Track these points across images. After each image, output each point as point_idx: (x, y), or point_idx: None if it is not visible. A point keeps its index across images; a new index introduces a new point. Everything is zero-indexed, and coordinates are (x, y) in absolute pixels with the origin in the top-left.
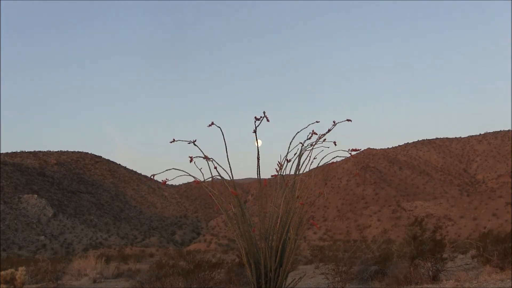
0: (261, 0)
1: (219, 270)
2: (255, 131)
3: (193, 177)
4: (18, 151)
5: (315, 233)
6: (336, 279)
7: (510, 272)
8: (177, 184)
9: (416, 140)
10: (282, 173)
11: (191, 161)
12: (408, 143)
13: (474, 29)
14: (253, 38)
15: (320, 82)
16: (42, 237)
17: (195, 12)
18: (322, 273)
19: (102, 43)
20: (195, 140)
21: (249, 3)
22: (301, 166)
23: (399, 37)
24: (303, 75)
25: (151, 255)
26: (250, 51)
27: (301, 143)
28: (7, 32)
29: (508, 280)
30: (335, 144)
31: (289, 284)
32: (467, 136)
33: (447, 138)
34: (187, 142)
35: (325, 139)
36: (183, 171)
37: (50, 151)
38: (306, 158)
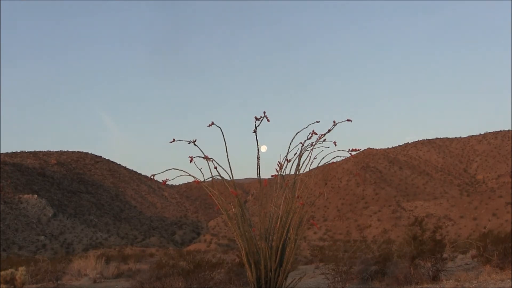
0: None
1: (219, 270)
2: (255, 131)
3: (193, 177)
4: (18, 151)
5: (315, 233)
6: (336, 279)
7: (510, 272)
8: (177, 184)
9: (416, 140)
10: (282, 173)
11: (191, 161)
12: (408, 143)
13: (474, 29)
14: (254, 37)
15: (320, 82)
16: (42, 237)
17: (197, 10)
18: (322, 273)
19: (102, 43)
20: (195, 140)
21: (250, 2)
22: (301, 166)
23: (399, 37)
24: (303, 74)
25: (151, 255)
26: (251, 50)
27: (301, 143)
28: (7, 32)
29: (508, 280)
30: (335, 144)
31: (289, 284)
32: (467, 136)
33: (447, 138)
34: (187, 142)
35: (325, 139)
36: (183, 171)
37: (50, 151)
38: (306, 158)
